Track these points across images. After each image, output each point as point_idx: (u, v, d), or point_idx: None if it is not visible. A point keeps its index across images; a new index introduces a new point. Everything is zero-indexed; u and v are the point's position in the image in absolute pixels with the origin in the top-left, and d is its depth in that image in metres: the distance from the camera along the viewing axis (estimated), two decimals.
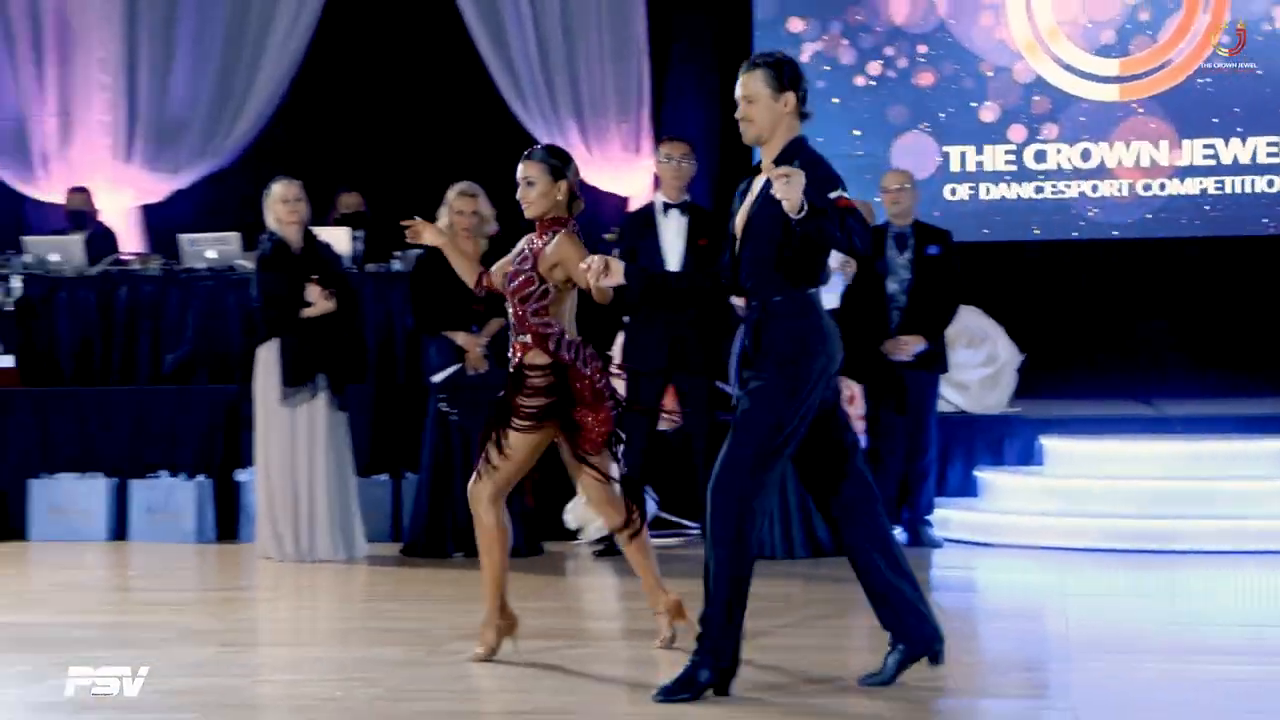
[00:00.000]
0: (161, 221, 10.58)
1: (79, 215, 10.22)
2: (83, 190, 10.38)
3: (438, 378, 6.88)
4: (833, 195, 4.14)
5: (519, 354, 4.76)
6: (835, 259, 6.47)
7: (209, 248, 8.72)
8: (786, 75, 4.36)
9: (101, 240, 10.00)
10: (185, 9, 10.62)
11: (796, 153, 4.27)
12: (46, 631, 5.88)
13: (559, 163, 4.75)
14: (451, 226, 6.38)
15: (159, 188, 10.82)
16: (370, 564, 7.06)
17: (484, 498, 4.68)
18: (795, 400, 4.18)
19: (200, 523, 7.83)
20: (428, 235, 5.03)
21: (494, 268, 4.91)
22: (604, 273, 4.35)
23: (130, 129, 11.12)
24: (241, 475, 7.73)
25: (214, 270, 8.64)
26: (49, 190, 10.97)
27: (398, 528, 7.36)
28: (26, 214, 11.00)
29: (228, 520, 7.88)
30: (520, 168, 4.77)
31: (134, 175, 11.09)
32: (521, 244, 4.79)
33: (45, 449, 8.37)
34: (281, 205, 6.75)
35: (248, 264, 8.03)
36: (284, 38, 10.24)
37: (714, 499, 4.18)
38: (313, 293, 6.76)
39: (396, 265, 8.05)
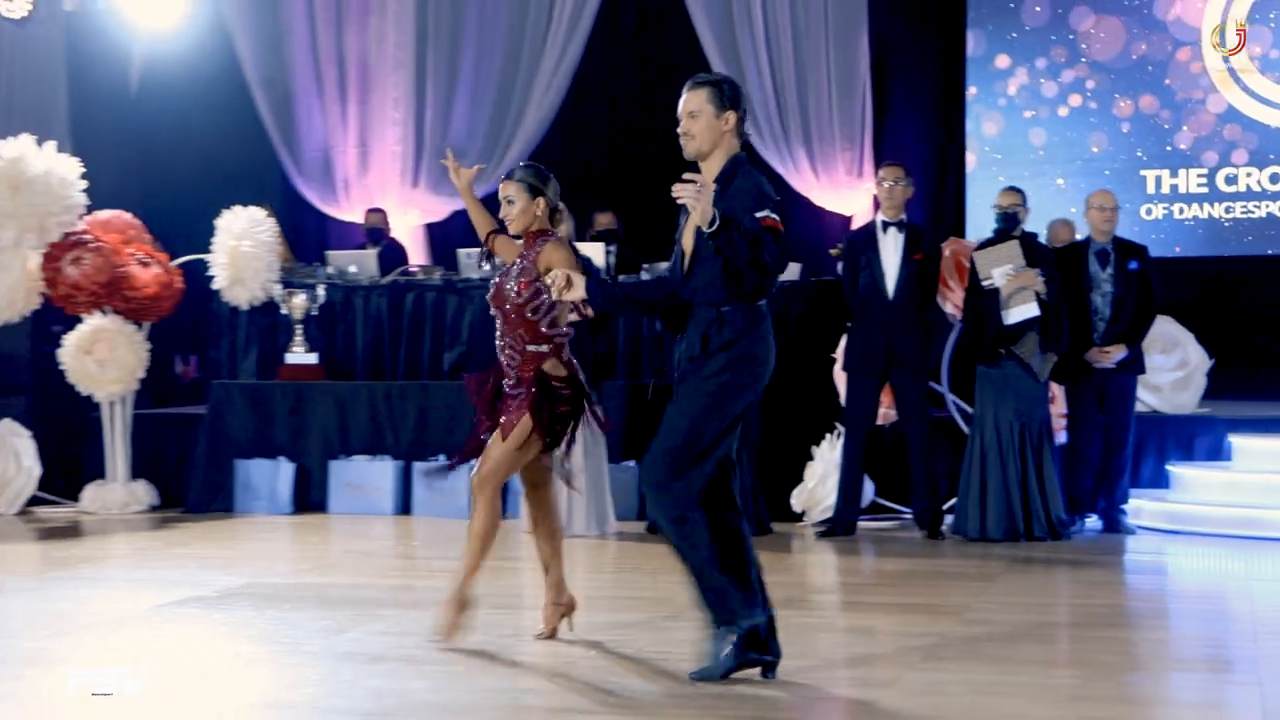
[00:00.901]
0: (443, 237, 11.28)
1: (374, 232, 10.88)
2: (378, 211, 11.11)
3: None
4: (760, 214, 4.15)
5: (532, 366, 4.76)
6: (1025, 276, 6.84)
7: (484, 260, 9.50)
8: (728, 95, 4.36)
9: (392, 254, 10.61)
10: (466, 55, 11.32)
11: (736, 169, 4.29)
12: (343, 592, 6.47)
13: (537, 181, 4.83)
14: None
15: (441, 208, 11.46)
16: (618, 539, 7.62)
17: (491, 490, 4.78)
18: (745, 396, 4.25)
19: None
20: (461, 177, 5.13)
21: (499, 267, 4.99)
22: (566, 287, 4.38)
23: (417, 157, 11.71)
24: None
25: (485, 280, 9.09)
26: (349, 211, 11.69)
27: (643, 508, 7.79)
28: (329, 232, 11.74)
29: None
30: (500, 188, 4.88)
31: (420, 198, 11.71)
32: (515, 261, 4.85)
33: (343, 434, 8.95)
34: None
35: None
36: (549, 77, 10.93)
37: (657, 488, 4.24)
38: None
39: (645, 276, 8.50)
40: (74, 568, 7.42)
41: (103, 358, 8.80)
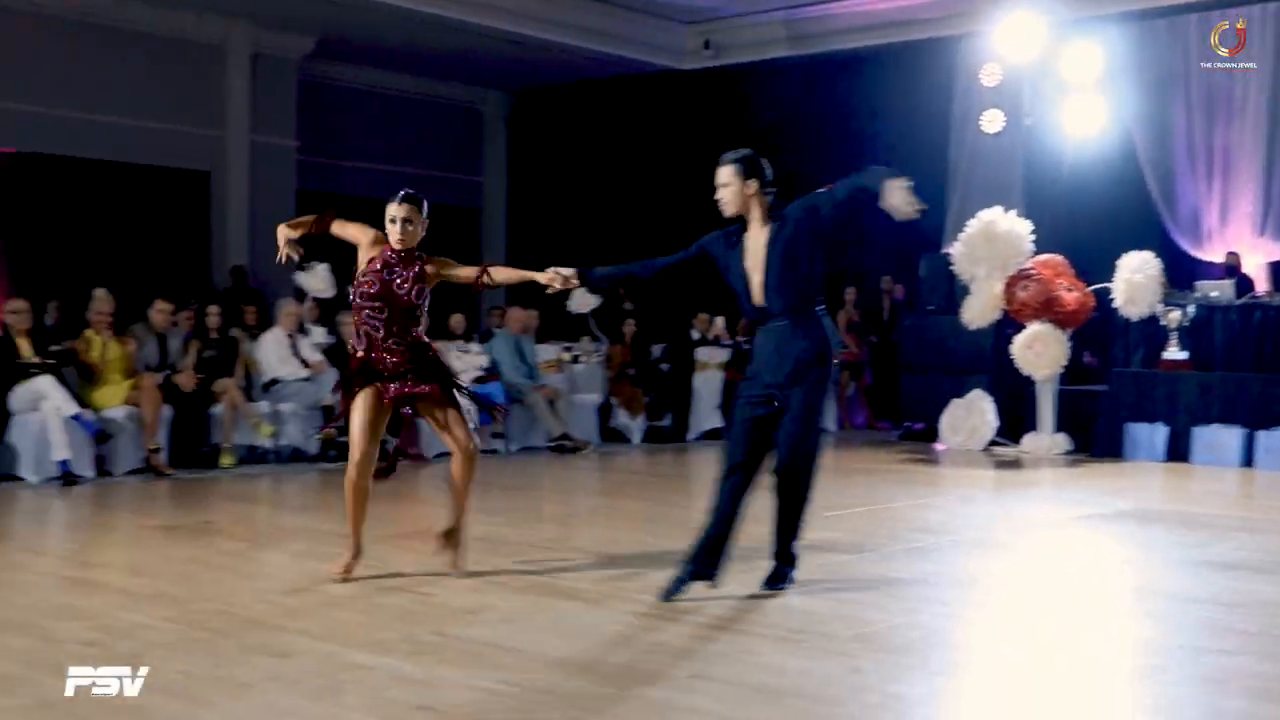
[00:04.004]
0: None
1: (1230, 269, 12.89)
2: (1234, 254, 13.17)
3: None
4: (821, 190, 5.07)
5: (422, 344, 5.60)
6: None
7: None
8: (748, 168, 5.17)
9: (1244, 284, 12.56)
10: None
11: (777, 208, 5.14)
12: (1202, 519, 7.60)
13: (425, 201, 5.59)
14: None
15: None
16: None
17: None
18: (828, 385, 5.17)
19: None
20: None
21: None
22: (561, 280, 5.32)
23: (1264, 216, 13.42)
24: None
25: None
26: (1211, 253, 13.68)
27: None
28: (1197, 268, 13.46)
29: None
30: (398, 209, 5.52)
31: (1265, 244, 13.38)
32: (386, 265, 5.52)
33: (1204, 408, 10.92)
34: None
35: None
36: None
37: (799, 456, 5.12)
38: None
39: None
40: (1018, 488, 9.58)
41: (1039, 351, 11.59)
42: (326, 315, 11.91)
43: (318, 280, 11.05)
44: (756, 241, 5.14)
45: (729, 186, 5.14)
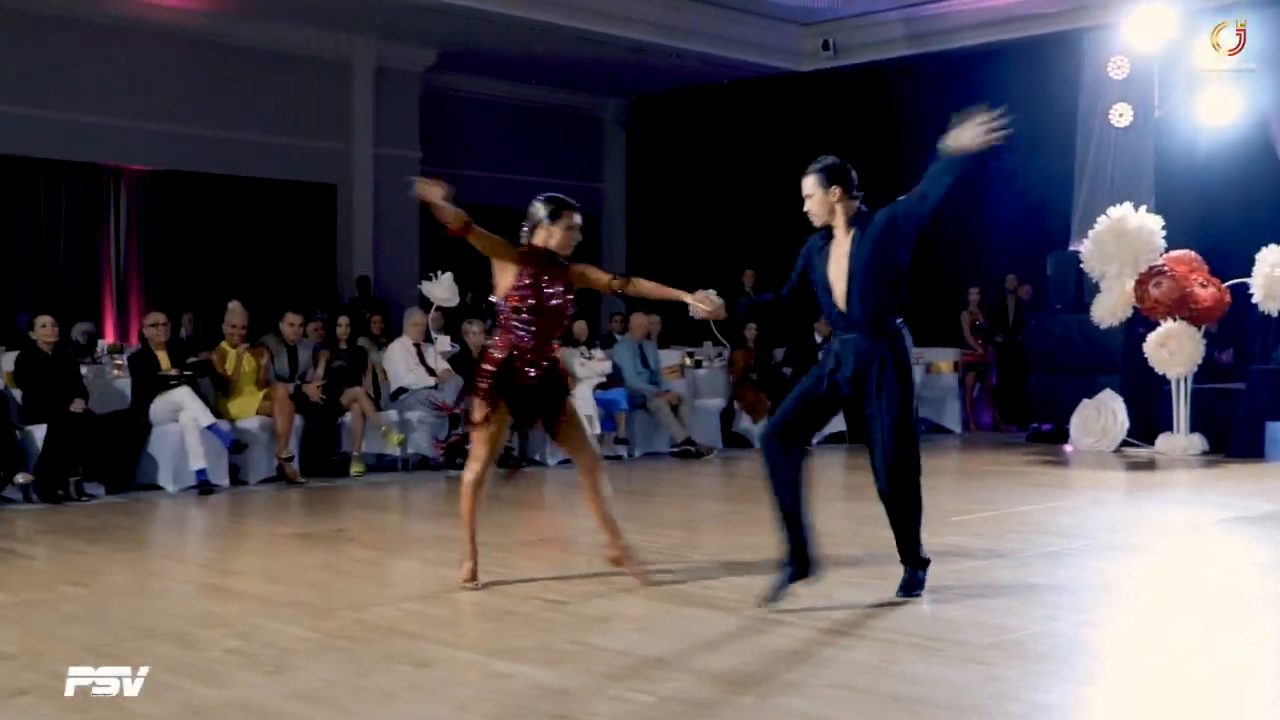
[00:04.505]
0: None
1: None
2: None
3: None
4: (902, 197, 5.08)
5: (555, 360, 5.65)
6: None
7: None
8: (830, 176, 5.21)
9: None
10: None
11: (864, 215, 5.19)
12: None
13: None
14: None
15: None
16: None
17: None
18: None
19: None
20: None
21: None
22: (711, 307, 5.38)
23: None
24: None
25: None
26: None
27: None
28: None
29: None
30: (579, 216, 5.59)
31: None
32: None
33: None
34: None
35: None
36: None
37: (898, 467, 5.12)
38: None
39: None
40: (1153, 490, 9.51)
41: (1173, 350, 11.49)
42: (452, 324, 12.07)
43: (442, 289, 11.20)
44: (841, 249, 5.19)
45: (813, 196, 5.21)
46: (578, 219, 5.62)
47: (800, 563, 5.26)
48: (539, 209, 5.63)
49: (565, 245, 5.59)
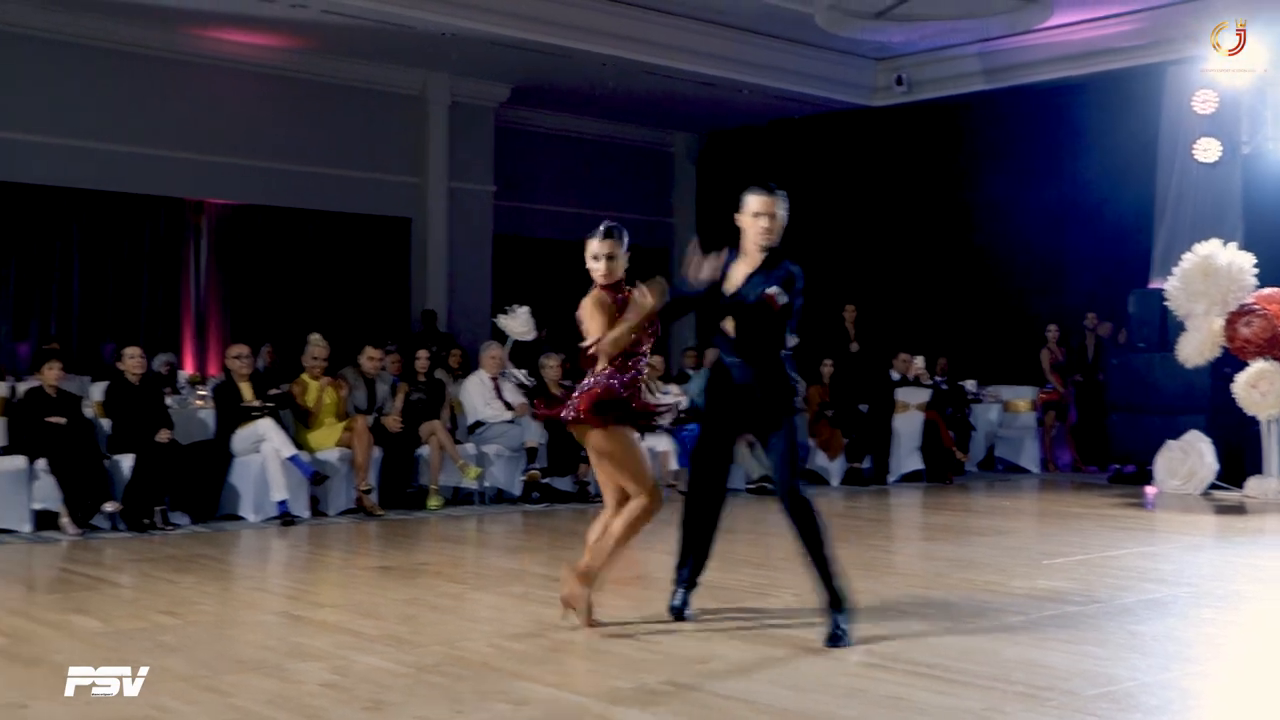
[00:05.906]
0: None
1: None
2: None
3: None
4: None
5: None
6: None
7: None
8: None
9: None
10: None
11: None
12: None
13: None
14: None
15: None
16: None
17: None
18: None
19: None
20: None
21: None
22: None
23: None
24: None
25: None
26: None
27: None
28: None
29: None
30: (600, 245, 5.39)
31: None
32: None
33: None
34: None
35: None
36: None
37: (792, 500, 5.20)
38: None
39: None
40: (1246, 535, 9.29)
41: (1264, 390, 11.33)
42: (529, 358, 12.07)
43: (519, 323, 11.21)
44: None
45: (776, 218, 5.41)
46: (596, 246, 5.43)
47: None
48: None
49: (598, 273, 5.43)
